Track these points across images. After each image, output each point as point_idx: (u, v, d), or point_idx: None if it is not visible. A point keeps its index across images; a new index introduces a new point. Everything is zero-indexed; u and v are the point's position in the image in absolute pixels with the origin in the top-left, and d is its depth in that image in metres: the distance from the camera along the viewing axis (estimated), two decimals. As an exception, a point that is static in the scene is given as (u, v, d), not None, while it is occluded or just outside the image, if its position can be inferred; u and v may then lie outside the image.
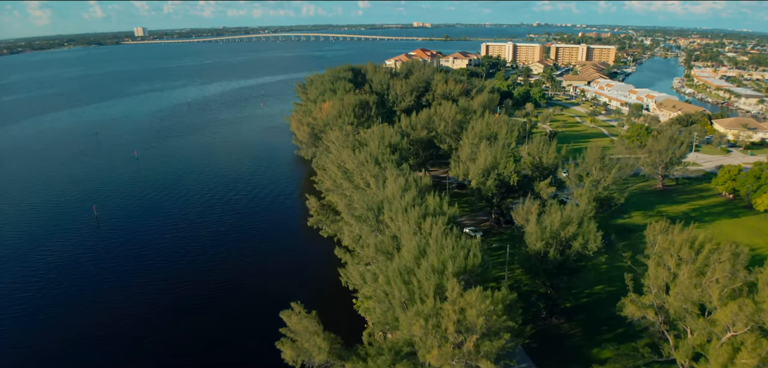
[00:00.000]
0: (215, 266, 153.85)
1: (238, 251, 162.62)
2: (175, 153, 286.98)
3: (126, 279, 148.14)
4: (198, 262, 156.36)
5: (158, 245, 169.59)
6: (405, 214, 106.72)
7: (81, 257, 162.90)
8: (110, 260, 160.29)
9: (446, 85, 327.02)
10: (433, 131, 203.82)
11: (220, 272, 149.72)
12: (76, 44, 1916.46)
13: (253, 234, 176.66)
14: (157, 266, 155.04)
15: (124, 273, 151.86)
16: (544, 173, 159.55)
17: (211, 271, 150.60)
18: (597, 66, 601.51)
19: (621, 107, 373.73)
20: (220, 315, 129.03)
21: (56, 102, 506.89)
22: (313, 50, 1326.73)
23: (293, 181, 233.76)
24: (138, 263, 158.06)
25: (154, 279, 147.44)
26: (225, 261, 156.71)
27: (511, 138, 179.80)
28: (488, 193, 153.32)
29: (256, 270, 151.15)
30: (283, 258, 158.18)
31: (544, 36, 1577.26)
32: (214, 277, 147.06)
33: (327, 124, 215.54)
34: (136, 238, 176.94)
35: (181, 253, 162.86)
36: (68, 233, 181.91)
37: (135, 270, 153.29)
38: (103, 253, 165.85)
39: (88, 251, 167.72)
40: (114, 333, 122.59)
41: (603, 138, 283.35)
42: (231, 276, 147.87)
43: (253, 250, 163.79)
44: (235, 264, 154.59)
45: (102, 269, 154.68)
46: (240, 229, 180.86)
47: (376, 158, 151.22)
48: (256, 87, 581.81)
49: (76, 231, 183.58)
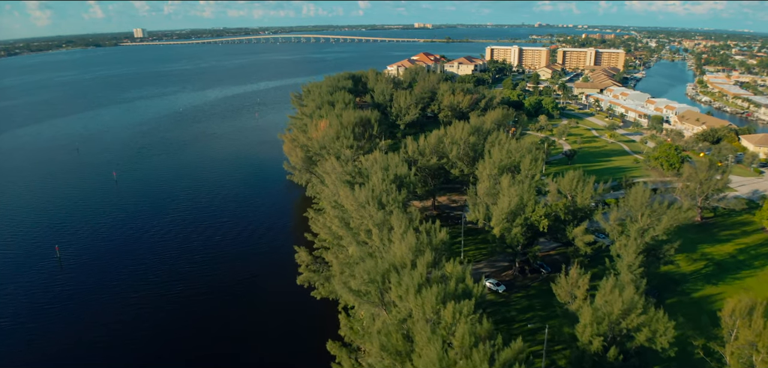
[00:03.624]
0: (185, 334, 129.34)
1: (217, 315, 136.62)
2: (157, 176, 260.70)
3: (85, 332, 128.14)
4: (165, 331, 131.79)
5: (124, 299, 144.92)
6: (418, 295, 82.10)
7: (37, 306, 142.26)
8: (70, 309, 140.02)
9: (453, 96, 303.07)
10: (445, 158, 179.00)
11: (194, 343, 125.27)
12: (75, 46, 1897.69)
13: (236, 289, 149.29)
14: (120, 326, 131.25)
15: (84, 327, 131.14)
16: (579, 216, 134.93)
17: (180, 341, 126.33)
18: (607, 72, 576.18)
19: (639, 118, 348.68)
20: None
21: (40, 112, 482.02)
22: (313, 53, 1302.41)
23: (285, 214, 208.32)
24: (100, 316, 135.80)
25: (116, 341, 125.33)
26: (201, 327, 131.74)
27: (535, 169, 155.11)
28: (514, 242, 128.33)
29: (239, 335, 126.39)
30: (273, 319, 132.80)
31: (547, 38, 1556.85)
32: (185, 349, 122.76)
33: (323, 147, 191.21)
34: (100, 284, 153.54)
35: (148, 312, 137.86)
36: (25, 277, 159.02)
37: (96, 323, 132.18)
38: (63, 300, 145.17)
39: (45, 300, 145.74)
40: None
41: (625, 156, 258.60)
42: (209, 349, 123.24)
43: (237, 315, 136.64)
44: (216, 333, 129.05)
45: (59, 320, 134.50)
46: (220, 282, 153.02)
47: (379, 198, 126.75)
48: (252, 94, 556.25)
49: (35, 274, 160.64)
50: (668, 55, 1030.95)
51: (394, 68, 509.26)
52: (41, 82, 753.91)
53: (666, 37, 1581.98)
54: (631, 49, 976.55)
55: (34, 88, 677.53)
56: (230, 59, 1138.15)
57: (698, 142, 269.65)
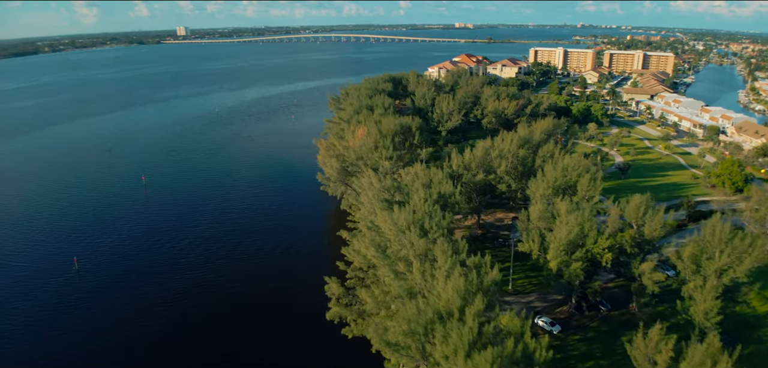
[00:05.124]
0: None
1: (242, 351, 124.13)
2: (186, 183, 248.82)
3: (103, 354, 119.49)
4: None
5: (145, 316, 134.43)
6: (469, 360, 67.95)
7: (54, 320, 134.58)
8: (89, 329, 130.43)
9: (498, 101, 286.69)
10: (492, 173, 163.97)
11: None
12: (119, 43, 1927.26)
13: (264, 322, 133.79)
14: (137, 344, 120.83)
15: (100, 345, 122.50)
16: (646, 249, 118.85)
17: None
18: (657, 76, 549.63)
19: (694, 128, 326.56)
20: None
21: (76, 109, 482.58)
22: (353, 52, 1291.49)
23: (317, 229, 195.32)
24: (117, 339, 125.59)
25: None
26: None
27: (594, 190, 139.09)
28: (573, 279, 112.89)
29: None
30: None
31: (591, 39, 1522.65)
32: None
33: (360, 157, 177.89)
34: (119, 299, 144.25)
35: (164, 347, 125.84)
36: (42, 290, 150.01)
37: (112, 345, 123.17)
38: (79, 316, 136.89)
39: (64, 312, 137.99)
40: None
41: (682, 171, 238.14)
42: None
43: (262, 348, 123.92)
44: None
45: (77, 337, 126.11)
46: (244, 313, 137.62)
47: (421, 222, 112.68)
48: (289, 95, 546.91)
49: (55, 286, 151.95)
50: (716, 59, 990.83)
51: (435, 70, 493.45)
52: (80, 79, 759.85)
53: (712, 39, 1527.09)
54: (678, 52, 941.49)
55: (72, 85, 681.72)
56: (270, 58, 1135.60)
57: (758, 156, 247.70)
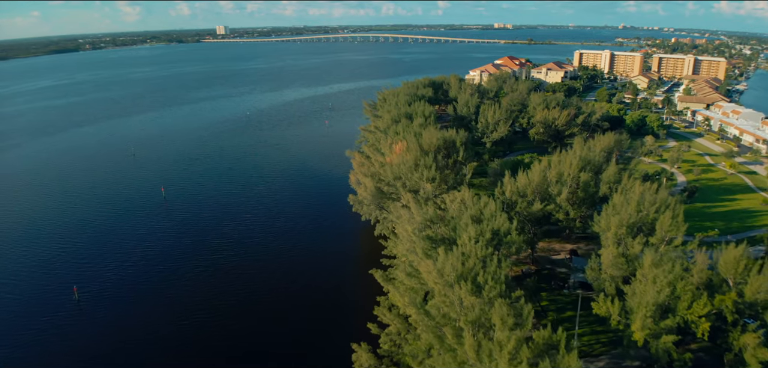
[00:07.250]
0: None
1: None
2: (207, 197, 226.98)
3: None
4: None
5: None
6: None
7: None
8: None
9: (548, 111, 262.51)
10: (551, 203, 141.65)
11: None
12: (158, 41, 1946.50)
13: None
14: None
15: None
16: (746, 314, 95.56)
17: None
18: (711, 83, 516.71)
19: (757, 143, 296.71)
20: None
21: (105, 110, 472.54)
22: (391, 53, 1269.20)
23: (347, 257, 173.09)
24: None
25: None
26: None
27: (676, 229, 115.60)
28: (662, 354, 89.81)
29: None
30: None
31: (634, 41, 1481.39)
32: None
33: (398, 177, 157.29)
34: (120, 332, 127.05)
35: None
36: (36, 321, 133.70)
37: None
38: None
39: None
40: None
41: (751, 195, 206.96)
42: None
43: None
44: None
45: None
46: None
47: (473, 273, 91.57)
48: (324, 98, 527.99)
49: (56, 320, 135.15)
50: (765, 64, 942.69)
51: (477, 74, 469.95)
52: (115, 78, 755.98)
53: (758, 43, 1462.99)
54: (726, 56, 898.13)
55: (106, 84, 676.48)
56: (307, 58, 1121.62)
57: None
